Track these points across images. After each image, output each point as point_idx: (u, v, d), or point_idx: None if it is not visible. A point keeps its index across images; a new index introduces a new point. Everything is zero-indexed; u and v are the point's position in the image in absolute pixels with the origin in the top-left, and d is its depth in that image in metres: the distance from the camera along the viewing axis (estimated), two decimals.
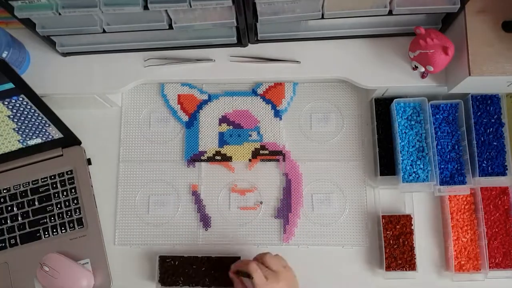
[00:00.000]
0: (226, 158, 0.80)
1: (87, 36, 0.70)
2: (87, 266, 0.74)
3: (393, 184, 0.77)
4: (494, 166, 0.74)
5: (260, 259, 0.65)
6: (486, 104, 0.76)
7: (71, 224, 0.77)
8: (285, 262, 0.67)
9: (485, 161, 0.74)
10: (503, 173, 0.74)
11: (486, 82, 0.67)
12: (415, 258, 0.74)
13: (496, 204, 0.75)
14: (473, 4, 0.65)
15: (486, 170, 0.74)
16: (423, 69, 0.69)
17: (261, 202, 0.78)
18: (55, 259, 0.72)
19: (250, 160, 0.80)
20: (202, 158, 0.80)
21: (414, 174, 0.74)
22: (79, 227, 0.76)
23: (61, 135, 0.77)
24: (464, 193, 0.74)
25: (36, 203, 0.77)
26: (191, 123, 0.82)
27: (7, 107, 0.69)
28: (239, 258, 0.74)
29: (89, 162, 0.81)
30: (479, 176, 0.74)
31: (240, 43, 0.74)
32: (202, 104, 0.82)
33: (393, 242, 0.74)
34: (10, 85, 0.64)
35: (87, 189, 0.78)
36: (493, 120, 0.75)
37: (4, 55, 0.70)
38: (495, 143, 0.75)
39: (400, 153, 0.75)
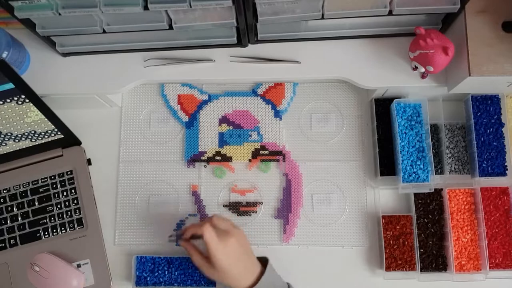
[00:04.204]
0: (226, 159, 0.80)
1: (87, 36, 0.70)
2: (87, 266, 0.74)
3: (393, 184, 0.77)
4: (494, 166, 0.74)
5: (208, 221, 0.66)
6: (486, 104, 0.76)
7: (71, 224, 0.76)
8: (232, 222, 0.68)
9: (485, 161, 0.74)
10: (503, 173, 0.74)
11: (486, 82, 0.67)
12: (415, 258, 0.74)
13: (496, 204, 0.75)
14: (473, 4, 0.65)
15: (486, 170, 0.74)
16: (423, 70, 0.69)
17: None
18: (46, 259, 0.72)
19: (250, 160, 0.80)
20: (202, 158, 0.80)
21: (414, 174, 0.74)
22: (79, 227, 0.76)
23: (61, 135, 0.77)
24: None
25: (36, 203, 0.77)
26: (191, 123, 0.82)
27: None
28: None
29: (89, 162, 0.81)
30: (479, 176, 0.74)
31: (240, 43, 0.74)
32: (202, 104, 0.82)
33: (393, 242, 0.74)
34: (10, 85, 0.64)
35: (87, 189, 0.78)
36: (493, 120, 0.75)
37: (4, 55, 0.70)
38: (495, 143, 0.75)
39: (400, 153, 0.75)
